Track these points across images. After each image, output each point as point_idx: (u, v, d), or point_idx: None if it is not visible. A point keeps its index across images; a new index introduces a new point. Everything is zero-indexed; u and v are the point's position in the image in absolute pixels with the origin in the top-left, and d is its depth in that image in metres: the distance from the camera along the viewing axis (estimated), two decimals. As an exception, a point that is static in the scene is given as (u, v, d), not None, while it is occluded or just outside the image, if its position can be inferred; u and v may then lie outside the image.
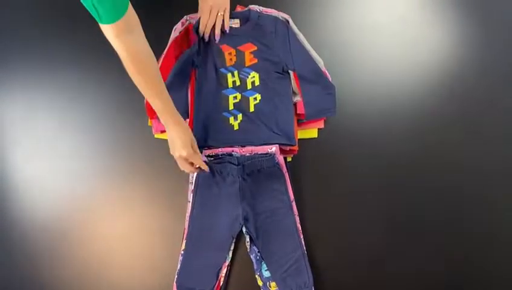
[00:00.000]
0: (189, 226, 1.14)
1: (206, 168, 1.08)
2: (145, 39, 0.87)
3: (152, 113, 1.11)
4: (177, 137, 1.01)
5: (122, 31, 0.80)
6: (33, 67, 1.25)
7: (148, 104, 1.13)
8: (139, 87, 0.92)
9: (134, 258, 1.19)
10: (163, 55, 1.17)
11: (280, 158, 1.15)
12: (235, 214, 1.13)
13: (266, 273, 1.12)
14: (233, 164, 1.12)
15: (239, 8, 1.23)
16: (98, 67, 1.24)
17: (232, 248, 1.14)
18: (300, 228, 1.15)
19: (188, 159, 1.04)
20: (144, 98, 1.17)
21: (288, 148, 1.17)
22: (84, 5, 0.75)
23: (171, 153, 1.05)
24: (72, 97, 1.24)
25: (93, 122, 1.23)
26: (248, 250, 1.14)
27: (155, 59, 0.91)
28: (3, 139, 1.24)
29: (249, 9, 1.20)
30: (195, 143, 1.05)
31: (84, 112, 1.23)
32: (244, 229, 1.13)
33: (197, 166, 1.07)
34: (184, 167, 1.06)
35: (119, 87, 1.23)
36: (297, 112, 1.19)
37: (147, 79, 0.90)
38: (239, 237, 1.16)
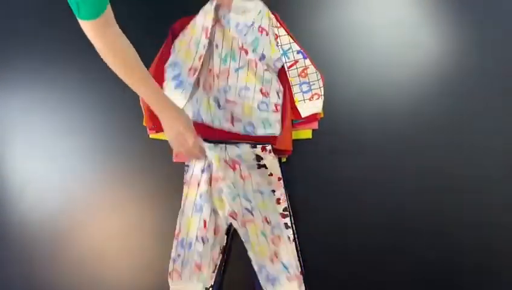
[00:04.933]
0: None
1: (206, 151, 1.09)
2: (122, 33, 0.90)
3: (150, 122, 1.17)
4: (175, 129, 1.01)
5: (102, 26, 0.84)
6: (32, 68, 1.29)
7: (146, 113, 1.19)
8: (123, 78, 0.93)
9: (131, 257, 1.20)
10: (157, 56, 1.22)
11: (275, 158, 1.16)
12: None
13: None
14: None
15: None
16: (96, 67, 1.26)
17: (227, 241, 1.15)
18: (290, 231, 1.14)
19: (197, 143, 1.04)
20: (138, 98, 1.20)
21: (282, 148, 1.17)
22: (68, 1, 0.78)
23: (172, 146, 1.04)
24: (69, 98, 1.28)
25: (89, 123, 1.26)
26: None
27: (133, 48, 0.93)
28: (2, 139, 1.26)
29: None
30: (194, 129, 1.06)
31: (80, 113, 1.27)
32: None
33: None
34: (194, 154, 1.06)
35: (116, 88, 1.25)
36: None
37: (128, 68, 0.92)
38: (235, 236, 1.16)
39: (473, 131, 1.21)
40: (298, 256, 1.13)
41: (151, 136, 1.22)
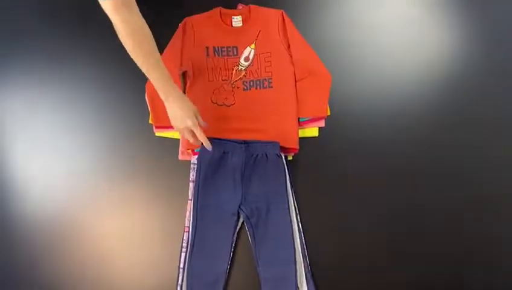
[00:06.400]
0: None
1: (208, 143, 1.07)
2: (140, 13, 0.91)
3: (157, 121, 1.17)
4: (179, 108, 1.02)
5: (121, 5, 0.86)
6: (33, 68, 1.28)
7: (152, 111, 1.18)
8: (136, 60, 0.95)
9: (134, 257, 1.20)
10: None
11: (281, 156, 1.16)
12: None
13: None
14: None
15: (240, 6, 1.24)
16: (98, 66, 1.26)
17: (236, 231, 1.15)
18: (296, 228, 1.14)
19: (192, 130, 1.04)
20: (144, 96, 1.19)
21: (289, 146, 1.17)
22: None
23: (174, 125, 1.05)
24: (73, 97, 1.26)
25: (94, 121, 1.25)
26: (248, 236, 1.15)
27: (150, 32, 0.95)
28: (4, 139, 1.26)
29: (249, 7, 1.24)
30: (199, 115, 1.06)
31: (85, 112, 1.26)
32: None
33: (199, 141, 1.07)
34: (189, 137, 1.06)
35: (119, 86, 1.25)
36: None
37: (144, 52, 0.94)
38: (239, 232, 1.16)
39: (479, 130, 1.22)
40: (304, 253, 1.13)
41: (157, 134, 1.21)
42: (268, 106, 1.19)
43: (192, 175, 1.17)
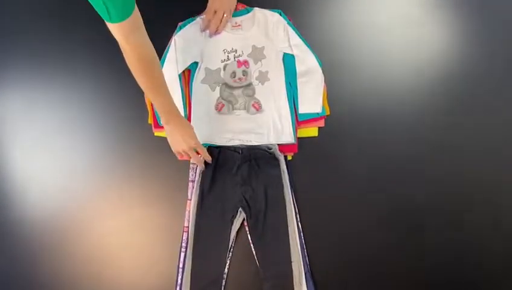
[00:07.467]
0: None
1: (209, 158, 1.13)
2: (149, 39, 0.88)
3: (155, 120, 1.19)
4: (180, 133, 1.05)
5: (130, 30, 0.82)
6: (32, 66, 1.28)
7: (152, 111, 1.19)
8: (143, 86, 0.94)
9: (133, 257, 1.19)
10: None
11: (280, 156, 1.17)
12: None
13: None
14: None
15: (240, 7, 1.24)
16: (97, 65, 1.26)
17: (235, 231, 1.15)
18: (296, 228, 1.14)
19: (196, 148, 1.08)
20: (143, 96, 1.19)
21: (287, 146, 1.18)
22: (93, 4, 0.75)
23: (174, 149, 1.10)
24: (72, 96, 1.26)
25: (93, 121, 1.25)
26: (249, 236, 1.15)
27: (158, 59, 0.93)
28: (3, 138, 1.25)
29: (247, 9, 1.24)
30: (199, 146, 1.10)
31: (84, 111, 1.25)
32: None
33: (202, 158, 1.12)
34: (193, 156, 1.10)
35: (118, 86, 1.25)
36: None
37: (151, 79, 0.93)
38: (239, 232, 1.16)
39: (479, 130, 1.22)
40: (303, 253, 1.13)
41: (156, 133, 1.21)
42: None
43: (192, 175, 1.17)
